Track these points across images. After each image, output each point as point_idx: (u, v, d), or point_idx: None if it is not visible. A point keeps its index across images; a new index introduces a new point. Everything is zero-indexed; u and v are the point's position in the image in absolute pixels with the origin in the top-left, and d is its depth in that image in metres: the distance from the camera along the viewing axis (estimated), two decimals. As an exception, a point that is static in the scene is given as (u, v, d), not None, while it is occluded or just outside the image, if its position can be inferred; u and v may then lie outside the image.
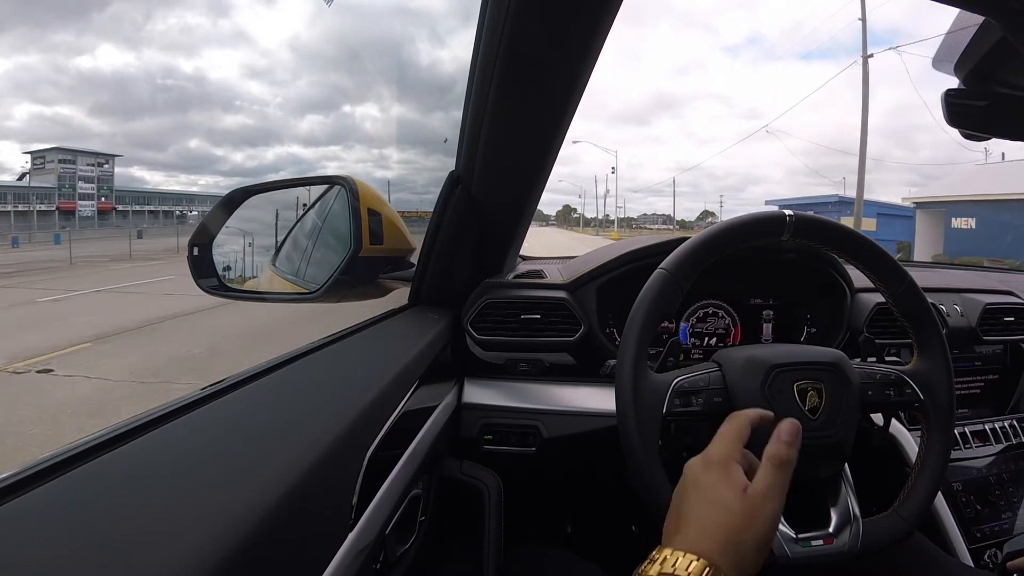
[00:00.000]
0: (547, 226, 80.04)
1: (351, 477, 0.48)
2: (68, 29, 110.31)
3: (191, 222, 45.45)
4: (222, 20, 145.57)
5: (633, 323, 0.60)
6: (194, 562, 0.29)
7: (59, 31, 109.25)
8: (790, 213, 0.64)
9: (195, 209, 54.17)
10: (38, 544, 0.29)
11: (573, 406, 0.92)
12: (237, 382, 0.54)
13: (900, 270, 0.66)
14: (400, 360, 0.67)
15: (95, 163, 46.45)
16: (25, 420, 3.44)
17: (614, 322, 1.00)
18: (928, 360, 0.65)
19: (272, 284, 1.19)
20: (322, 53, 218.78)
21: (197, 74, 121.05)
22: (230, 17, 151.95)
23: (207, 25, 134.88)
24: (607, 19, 0.60)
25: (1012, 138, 0.58)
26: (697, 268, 0.63)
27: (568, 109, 0.73)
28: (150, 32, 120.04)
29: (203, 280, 0.89)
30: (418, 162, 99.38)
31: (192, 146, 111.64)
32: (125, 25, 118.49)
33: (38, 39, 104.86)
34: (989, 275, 1.36)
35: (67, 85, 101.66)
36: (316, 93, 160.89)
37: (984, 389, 1.11)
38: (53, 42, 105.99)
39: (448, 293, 0.97)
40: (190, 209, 54.66)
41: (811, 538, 0.57)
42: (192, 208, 54.80)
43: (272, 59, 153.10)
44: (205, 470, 0.39)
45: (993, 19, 0.45)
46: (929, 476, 0.62)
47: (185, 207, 55.63)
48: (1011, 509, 0.99)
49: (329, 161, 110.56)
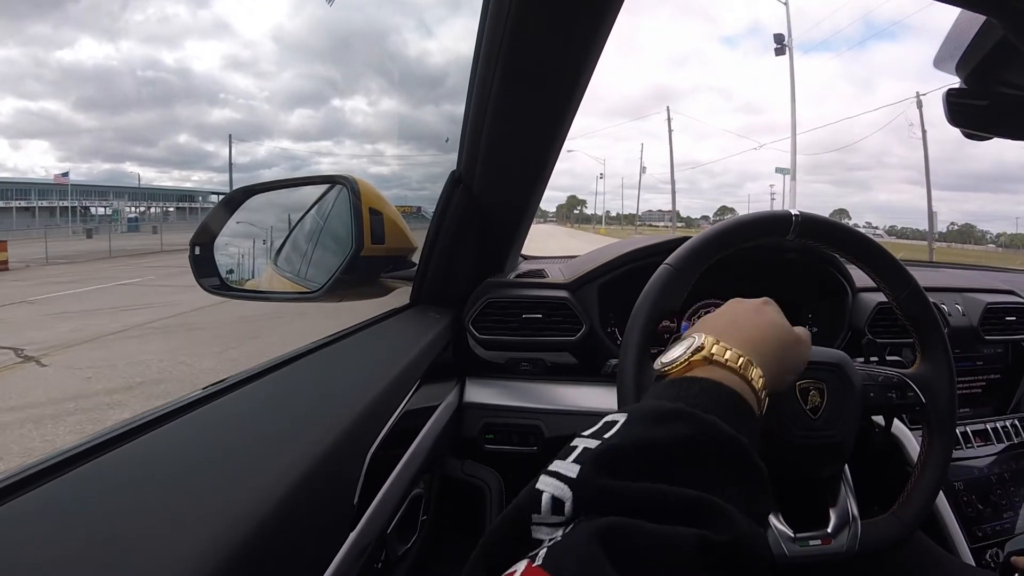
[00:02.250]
0: (545, 223, 79.93)
1: (352, 477, 0.48)
2: (45, 21, 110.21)
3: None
4: (202, 11, 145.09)
5: (637, 318, 0.60)
6: (195, 562, 0.29)
7: (36, 23, 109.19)
8: (796, 213, 0.64)
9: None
10: (38, 544, 0.29)
11: (575, 405, 0.92)
12: (238, 382, 0.54)
13: (905, 273, 0.65)
14: (401, 360, 0.67)
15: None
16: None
17: (615, 322, 1.00)
18: (930, 364, 0.65)
19: (273, 283, 1.19)
20: (311, 45, 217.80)
21: (180, 66, 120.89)
22: (209, 7, 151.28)
23: (185, 15, 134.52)
24: (610, 15, 0.60)
25: (1014, 137, 0.58)
26: (701, 264, 0.63)
27: (570, 107, 0.73)
28: (127, 23, 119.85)
29: (204, 279, 0.90)
30: (412, 157, 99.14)
31: (182, 141, 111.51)
32: (102, 16, 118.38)
33: (16, 32, 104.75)
34: (991, 274, 1.36)
35: (50, 79, 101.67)
36: (306, 85, 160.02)
37: (985, 388, 1.11)
38: (31, 35, 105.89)
39: (449, 292, 0.97)
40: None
41: (809, 538, 0.57)
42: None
43: (257, 51, 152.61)
44: (206, 470, 0.39)
45: (994, 19, 0.45)
46: (929, 480, 0.62)
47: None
48: (1012, 508, 0.99)
49: (323, 157, 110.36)
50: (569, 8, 0.59)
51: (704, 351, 0.43)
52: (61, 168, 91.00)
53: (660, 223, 76.44)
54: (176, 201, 56.64)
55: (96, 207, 45.94)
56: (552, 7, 0.59)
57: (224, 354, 4.67)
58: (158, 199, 55.97)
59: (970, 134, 0.57)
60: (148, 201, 54.04)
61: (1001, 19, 0.44)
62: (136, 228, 33.60)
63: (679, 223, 56.33)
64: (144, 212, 50.41)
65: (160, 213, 51.95)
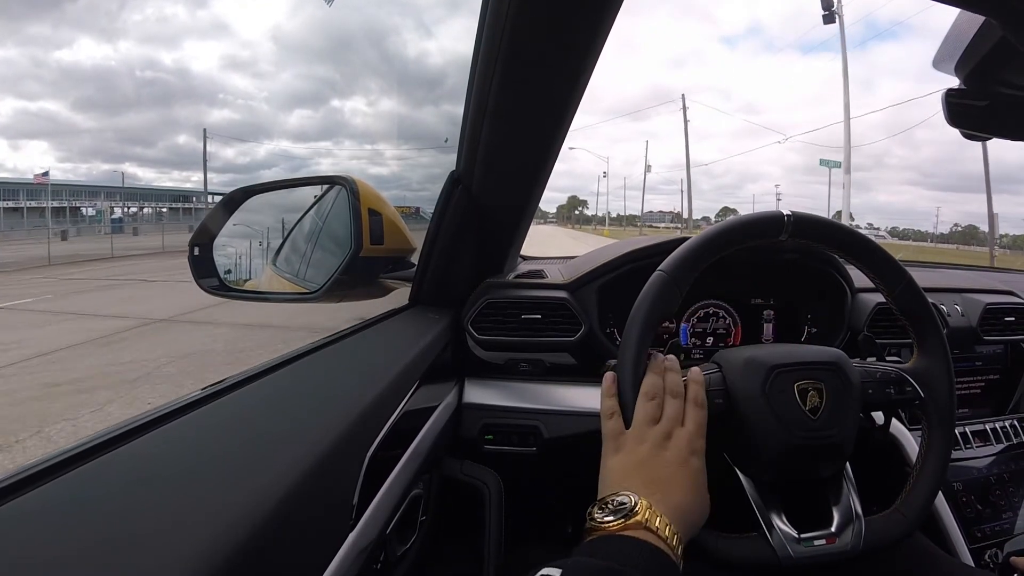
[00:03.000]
0: (545, 223, 79.75)
1: (352, 477, 0.48)
2: (43, 21, 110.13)
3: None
4: (200, 11, 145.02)
5: (633, 324, 0.60)
6: (195, 563, 0.29)
7: (35, 23, 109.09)
8: (788, 213, 0.64)
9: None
10: (38, 544, 0.29)
11: (574, 406, 0.92)
12: (238, 382, 0.54)
13: (899, 268, 0.65)
14: (400, 360, 0.67)
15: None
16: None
17: (614, 322, 1.00)
18: (928, 357, 0.65)
19: (272, 284, 1.20)
20: (311, 45, 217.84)
21: (179, 66, 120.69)
22: (208, 8, 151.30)
23: (184, 15, 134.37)
24: (609, 16, 0.60)
25: (1013, 138, 0.58)
26: (696, 269, 0.63)
27: (569, 108, 0.73)
28: (125, 22, 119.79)
29: (203, 280, 0.90)
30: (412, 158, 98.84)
31: (181, 142, 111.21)
32: (100, 16, 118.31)
33: (14, 31, 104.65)
34: (990, 275, 1.36)
35: (49, 80, 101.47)
36: (306, 86, 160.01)
37: (984, 389, 1.11)
38: (30, 35, 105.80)
39: (449, 293, 0.97)
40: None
41: (813, 538, 0.57)
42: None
43: (255, 51, 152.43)
44: (205, 470, 0.39)
45: (993, 19, 0.45)
46: (931, 474, 0.62)
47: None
48: (1012, 509, 0.99)
49: (323, 157, 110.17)
50: (569, 8, 0.59)
51: (638, 517, 0.46)
52: (60, 168, 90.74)
53: (661, 224, 76.15)
54: (170, 201, 54.81)
55: (86, 208, 45.11)
56: (552, 7, 0.59)
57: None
58: (150, 199, 54.09)
59: (969, 134, 0.58)
60: (140, 201, 52.44)
61: (1000, 19, 0.44)
62: (120, 229, 32.02)
63: (680, 224, 55.54)
64: (134, 213, 48.98)
65: (153, 213, 50.75)
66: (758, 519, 0.58)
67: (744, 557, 0.56)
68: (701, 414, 0.56)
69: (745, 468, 0.60)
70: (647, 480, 0.50)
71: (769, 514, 0.58)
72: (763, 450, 0.58)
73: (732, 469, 0.61)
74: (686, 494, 0.51)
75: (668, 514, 0.47)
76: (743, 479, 0.60)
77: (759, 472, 0.60)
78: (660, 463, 0.52)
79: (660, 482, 0.50)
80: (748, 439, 0.58)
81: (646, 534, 0.45)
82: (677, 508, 0.49)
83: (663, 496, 0.49)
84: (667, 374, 0.58)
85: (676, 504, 0.49)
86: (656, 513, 0.46)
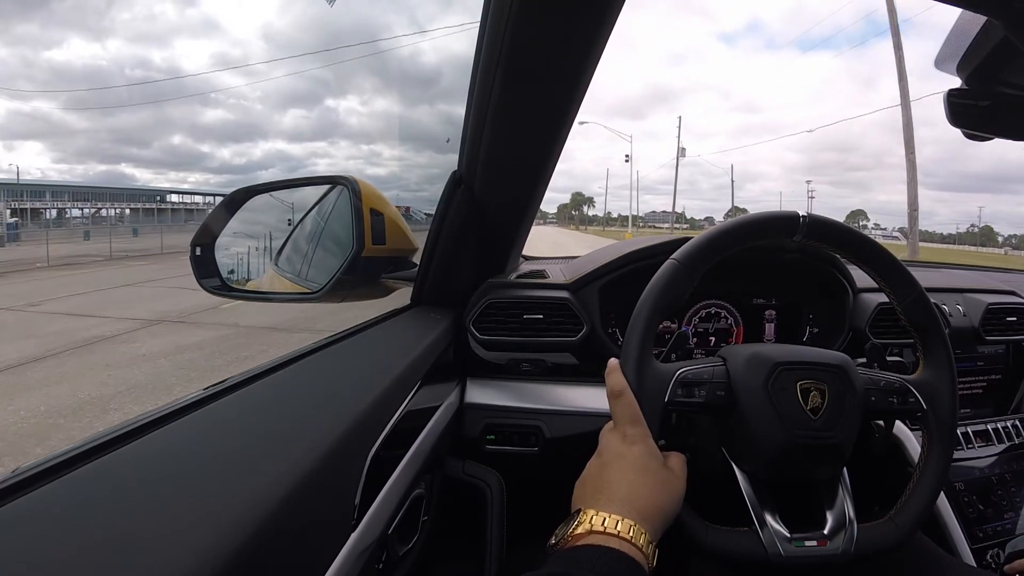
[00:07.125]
0: (545, 224, 79.55)
1: (353, 477, 0.48)
2: (32, 20, 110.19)
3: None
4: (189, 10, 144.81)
5: (641, 311, 0.60)
6: (196, 564, 0.29)
7: (23, 22, 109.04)
8: (804, 214, 0.64)
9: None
10: (39, 546, 0.29)
11: (575, 406, 0.92)
12: (239, 382, 0.54)
13: (911, 279, 0.65)
14: (402, 360, 0.67)
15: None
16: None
17: (616, 322, 1.00)
18: (933, 370, 0.65)
19: (274, 284, 1.20)
20: (304, 43, 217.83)
21: (169, 65, 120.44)
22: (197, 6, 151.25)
23: (172, 12, 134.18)
24: (611, 16, 0.60)
25: (1014, 138, 0.58)
26: (708, 261, 0.63)
27: (571, 108, 0.73)
28: (113, 20, 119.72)
29: (205, 280, 0.90)
30: (410, 158, 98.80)
31: (176, 142, 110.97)
32: (88, 14, 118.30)
33: (3, 31, 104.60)
34: (992, 275, 1.36)
35: (41, 79, 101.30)
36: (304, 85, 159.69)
37: (986, 389, 1.11)
38: (18, 34, 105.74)
39: (450, 293, 0.97)
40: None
41: (805, 538, 0.57)
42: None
43: (247, 49, 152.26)
44: (206, 471, 0.39)
45: (995, 19, 0.45)
46: (927, 486, 0.62)
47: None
48: (1013, 509, 0.99)
49: (319, 158, 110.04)
50: (570, 7, 0.59)
51: (584, 525, 0.47)
52: (57, 169, 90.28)
53: (663, 224, 75.70)
54: (127, 201, 47.39)
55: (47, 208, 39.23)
56: (553, 7, 0.59)
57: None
58: (106, 198, 46.29)
59: (971, 134, 0.57)
60: (94, 201, 45.34)
61: (1002, 20, 0.44)
62: (16, 237, 23.92)
63: (682, 224, 53.63)
64: (92, 214, 43.38)
65: (115, 215, 44.63)
66: (751, 515, 0.58)
67: (733, 550, 0.56)
68: (620, 403, 0.56)
69: (742, 463, 0.60)
70: (591, 489, 0.52)
71: (762, 511, 0.58)
72: (761, 446, 0.58)
73: (729, 463, 0.61)
74: (631, 485, 0.51)
75: (619, 510, 0.47)
76: (739, 474, 0.60)
77: (756, 468, 0.60)
78: (594, 467, 0.55)
79: (601, 485, 0.51)
80: (747, 434, 0.58)
81: (600, 538, 0.46)
82: (624, 501, 0.49)
83: (607, 497, 0.49)
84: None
85: (622, 497, 0.49)
86: (604, 516, 0.47)
